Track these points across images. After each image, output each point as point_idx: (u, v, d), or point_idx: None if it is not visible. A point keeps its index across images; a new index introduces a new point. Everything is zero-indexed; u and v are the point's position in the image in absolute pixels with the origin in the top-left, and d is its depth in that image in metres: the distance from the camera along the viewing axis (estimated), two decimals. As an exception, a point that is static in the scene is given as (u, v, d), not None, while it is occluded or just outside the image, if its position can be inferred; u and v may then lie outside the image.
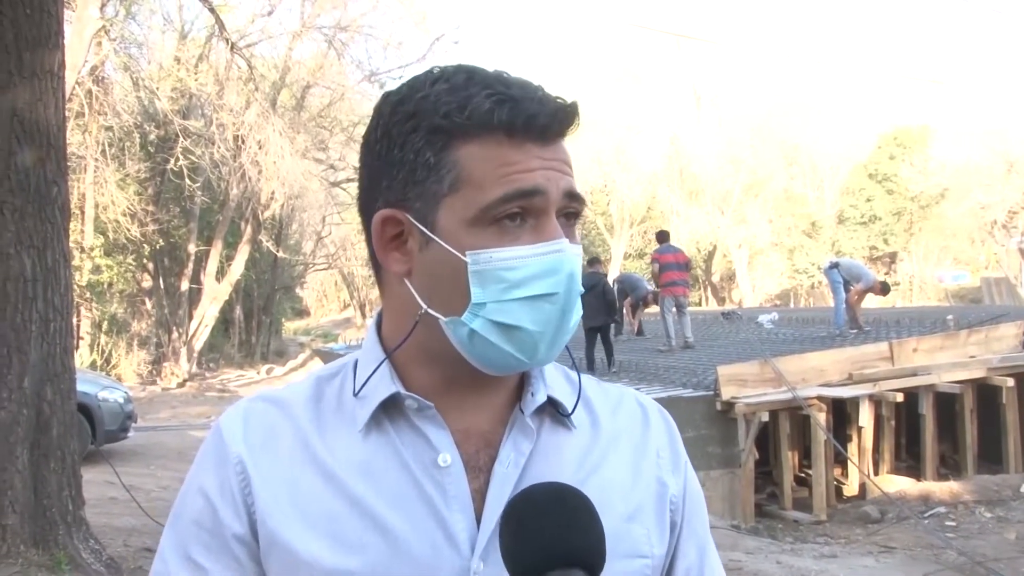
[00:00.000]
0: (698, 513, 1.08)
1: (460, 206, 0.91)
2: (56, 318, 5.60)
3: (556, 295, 0.90)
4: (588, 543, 0.81)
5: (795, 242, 41.89)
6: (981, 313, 15.69)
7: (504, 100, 0.90)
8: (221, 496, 0.95)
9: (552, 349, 0.93)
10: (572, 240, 0.93)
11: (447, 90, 0.92)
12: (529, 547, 0.80)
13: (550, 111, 0.92)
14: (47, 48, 5.61)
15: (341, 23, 23.83)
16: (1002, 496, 9.40)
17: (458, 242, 0.91)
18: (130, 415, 11.13)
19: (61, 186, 5.71)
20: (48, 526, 5.44)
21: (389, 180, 0.95)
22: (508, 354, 0.91)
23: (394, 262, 0.96)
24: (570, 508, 0.82)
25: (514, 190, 0.90)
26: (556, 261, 0.90)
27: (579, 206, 0.95)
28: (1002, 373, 11.08)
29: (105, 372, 18.52)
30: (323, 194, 26.57)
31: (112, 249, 22.20)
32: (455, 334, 0.92)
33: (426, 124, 0.92)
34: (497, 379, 0.97)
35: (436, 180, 0.92)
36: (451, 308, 0.92)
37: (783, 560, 7.47)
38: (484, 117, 0.90)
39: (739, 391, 10.14)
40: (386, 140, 0.95)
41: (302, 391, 1.02)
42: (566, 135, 0.96)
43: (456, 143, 0.91)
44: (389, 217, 0.95)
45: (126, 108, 20.32)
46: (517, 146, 0.91)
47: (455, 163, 0.91)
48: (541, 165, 0.91)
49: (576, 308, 0.93)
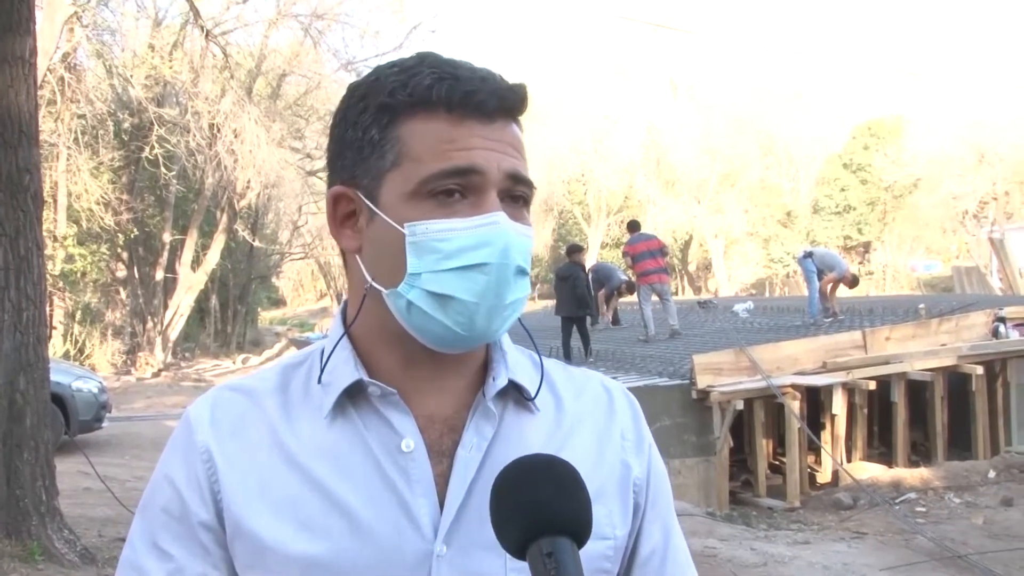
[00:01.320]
0: (662, 495, 1.09)
1: (401, 180, 0.93)
2: (29, 307, 5.56)
3: (488, 265, 0.91)
4: (577, 512, 0.81)
5: (770, 232, 42.11)
6: (952, 302, 15.83)
7: (444, 78, 0.92)
8: (188, 484, 0.97)
9: (491, 323, 0.93)
10: (519, 220, 0.94)
11: (397, 72, 0.95)
12: (521, 514, 0.80)
13: (490, 88, 0.93)
14: (18, 34, 5.55)
15: (317, 11, 23.65)
16: (971, 482, 9.53)
17: (398, 215, 0.93)
18: (104, 405, 11.06)
19: (34, 174, 5.66)
20: (21, 516, 5.41)
21: (343, 160, 0.98)
22: (445, 326, 0.92)
23: (346, 239, 0.99)
24: (560, 477, 0.83)
25: (451, 167, 0.91)
26: (490, 233, 0.91)
27: (526, 189, 0.96)
28: (972, 361, 11.23)
29: (79, 362, 18.35)
30: (299, 183, 26.44)
31: (85, 238, 21.94)
32: (395, 306, 0.94)
33: (374, 103, 0.95)
34: (455, 361, 0.98)
35: (379, 156, 0.94)
36: (392, 281, 0.94)
37: (757, 547, 7.54)
38: (424, 93, 0.92)
39: (715, 380, 10.21)
40: (343, 123, 0.98)
41: (269, 379, 1.03)
42: (514, 116, 0.96)
43: (399, 120, 0.94)
44: (340, 194, 0.98)
45: (99, 96, 20.08)
46: (457, 123, 0.92)
47: (397, 139, 0.94)
48: (482, 144, 0.92)
49: (515, 284, 0.94)
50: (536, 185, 0.99)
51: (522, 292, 0.95)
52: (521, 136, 0.97)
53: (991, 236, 28.44)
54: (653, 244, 14.02)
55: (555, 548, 0.78)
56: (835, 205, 40.30)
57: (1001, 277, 26.43)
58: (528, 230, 0.96)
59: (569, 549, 0.79)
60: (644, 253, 13.72)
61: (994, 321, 12.24)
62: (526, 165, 0.97)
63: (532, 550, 0.79)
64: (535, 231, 1.04)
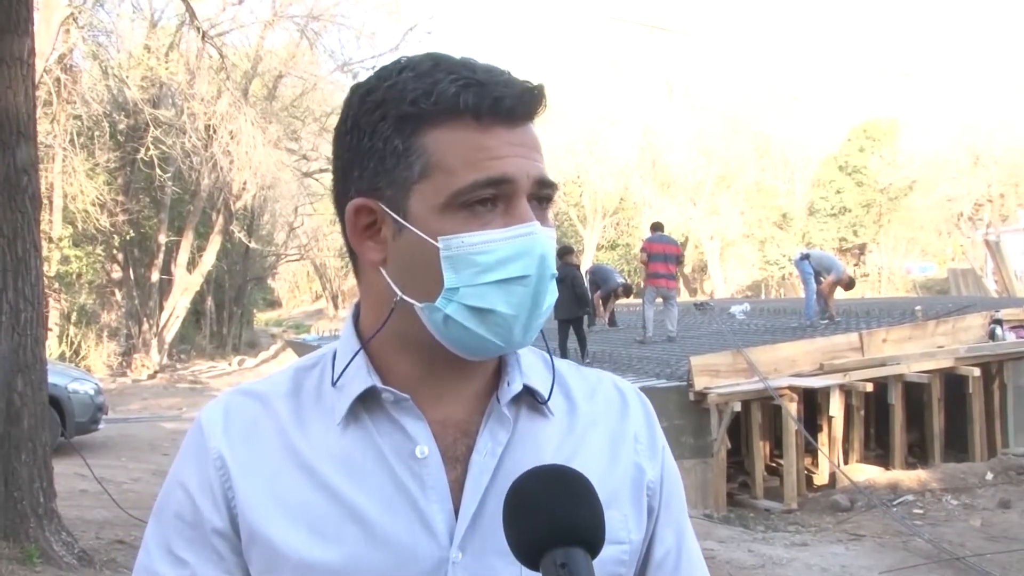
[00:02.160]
0: (676, 498, 1.09)
1: (431, 192, 0.91)
2: (27, 308, 5.55)
3: (528, 277, 0.91)
4: (590, 522, 0.82)
5: (766, 233, 42.11)
6: (948, 304, 15.88)
7: (470, 84, 0.91)
8: (201, 491, 0.96)
9: (527, 332, 0.94)
10: (545, 223, 0.94)
11: (413, 77, 0.93)
12: (535, 525, 0.80)
13: (516, 93, 0.92)
14: (16, 35, 5.55)
15: (313, 12, 23.63)
16: (968, 484, 9.55)
17: (429, 228, 0.91)
18: (101, 407, 11.04)
19: (31, 175, 5.65)
20: (19, 519, 5.40)
21: (360, 170, 0.95)
22: (483, 338, 0.92)
23: (368, 251, 0.97)
24: (574, 488, 0.84)
25: (484, 178, 0.90)
26: (527, 243, 0.91)
27: (551, 191, 0.96)
28: (969, 363, 11.25)
29: (74, 364, 18.30)
30: (295, 184, 26.38)
31: (81, 239, 21.91)
32: (430, 320, 0.93)
33: (394, 112, 0.92)
34: (474, 367, 0.98)
35: (406, 167, 0.92)
36: (425, 294, 0.92)
37: (755, 548, 7.55)
38: (450, 101, 0.91)
39: (712, 381, 10.21)
40: (356, 131, 0.95)
41: (281, 384, 1.02)
42: (534, 118, 0.96)
43: (424, 129, 0.92)
44: (362, 206, 0.96)
45: (95, 97, 20.06)
46: (485, 130, 0.91)
47: (424, 149, 0.92)
48: (511, 152, 0.92)
49: (549, 291, 0.93)
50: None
51: (554, 297, 0.95)
52: (537, 136, 0.97)
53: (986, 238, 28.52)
54: (670, 250, 13.80)
55: (569, 559, 0.79)
56: (831, 207, 40.33)
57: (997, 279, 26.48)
58: (553, 232, 0.95)
59: (583, 560, 0.79)
60: (659, 255, 13.53)
61: (990, 323, 12.27)
62: (545, 166, 0.97)
63: (546, 561, 0.79)
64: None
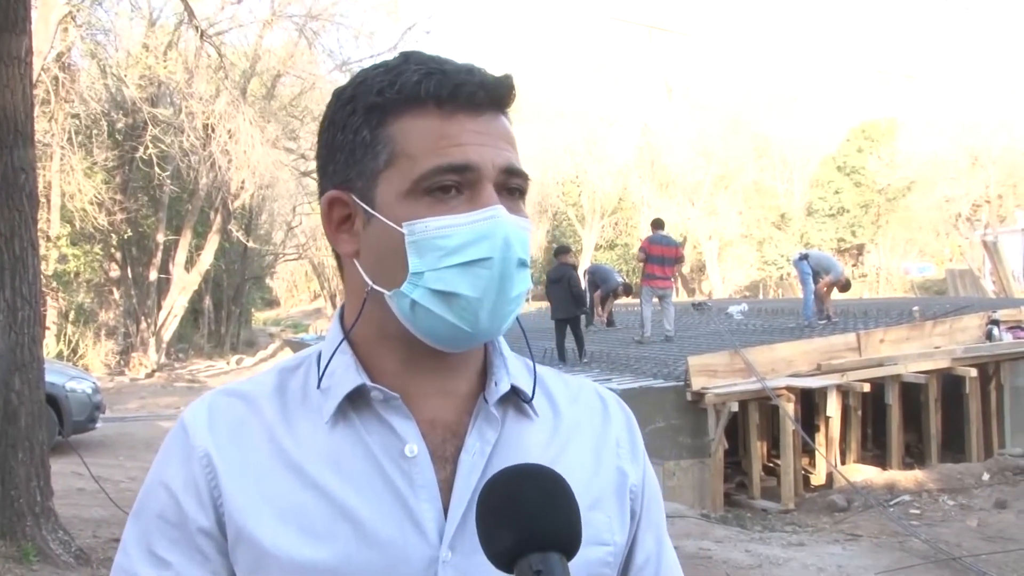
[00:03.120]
0: (656, 504, 1.10)
1: (396, 179, 0.93)
2: (24, 307, 5.55)
3: (491, 260, 0.91)
4: (567, 526, 0.80)
5: (764, 234, 42.15)
6: (946, 304, 15.89)
7: (432, 73, 0.92)
8: (185, 490, 0.95)
9: (494, 319, 0.93)
10: (515, 212, 0.94)
11: (383, 71, 0.95)
12: (507, 529, 0.79)
13: (478, 80, 0.93)
14: (14, 34, 5.55)
15: (312, 12, 23.63)
16: (965, 484, 9.55)
17: (395, 215, 0.92)
18: (98, 406, 11.04)
19: (29, 174, 5.65)
20: (16, 517, 5.40)
21: (335, 164, 0.97)
22: (450, 323, 0.92)
23: (343, 243, 0.99)
24: (548, 490, 0.82)
25: (446, 163, 0.91)
26: (490, 227, 0.91)
27: (521, 181, 0.96)
28: (966, 364, 11.25)
29: (72, 362, 18.30)
30: (294, 184, 26.41)
31: (79, 238, 21.91)
32: (399, 307, 0.94)
33: (362, 104, 0.94)
34: (457, 364, 0.98)
35: (372, 157, 0.94)
36: (394, 282, 0.93)
37: (752, 548, 7.55)
38: (412, 90, 0.92)
39: (709, 381, 10.21)
40: (332, 127, 0.98)
41: (266, 383, 1.02)
42: (502, 107, 0.96)
43: (389, 119, 0.93)
44: (335, 199, 0.98)
45: (93, 95, 20.06)
46: (448, 117, 0.92)
47: (389, 138, 0.93)
48: (475, 140, 0.92)
49: (518, 277, 0.93)
50: (531, 176, 0.99)
51: (524, 285, 0.95)
52: (511, 128, 0.97)
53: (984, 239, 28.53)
54: (669, 252, 13.68)
55: (544, 565, 0.77)
56: (829, 207, 40.38)
57: (994, 280, 26.48)
58: (526, 222, 0.95)
59: (558, 565, 0.78)
60: (656, 257, 13.45)
61: (988, 324, 12.27)
62: (518, 157, 0.97)
63: (521, 565, 0.78)
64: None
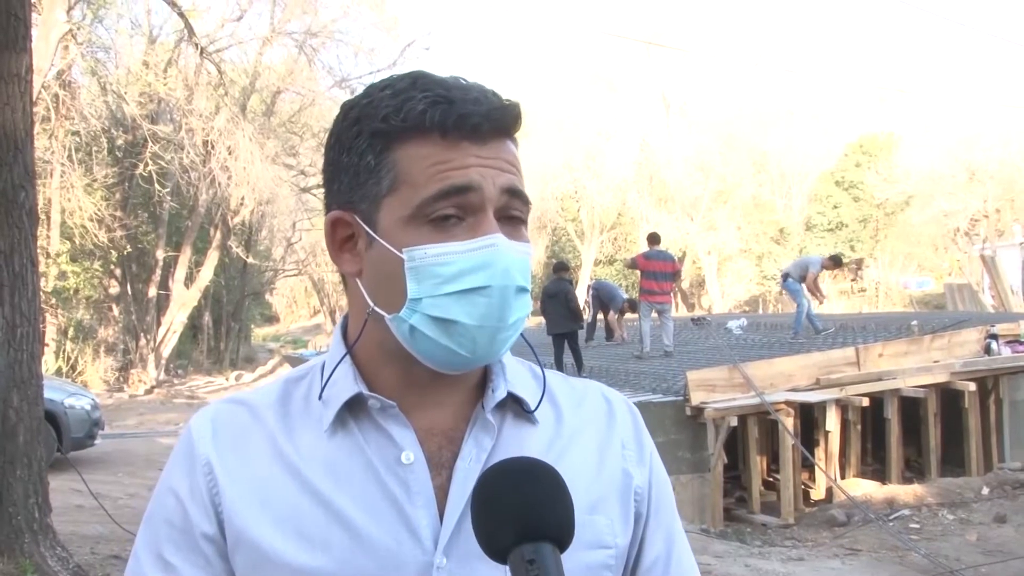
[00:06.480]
0: (665, 504, 1.10)
1: (398, 205, 0.94)
2: (23, 324, 5.55)
3: (489, 288, 0.92)
4: (559, 517, 0.81)
5: (763, 249, 42.15)
6: (944, 319, 15.87)
7: (438, 102, 0.93)
8: (191, 497, 0.98)
9: (493, 345, 0.95)
10: (516, 239, 0.95)
11: (390, 95, 0.95)
12: (501, 520, 0.80)
13: (483, 111, 0.94)
14: (14, 52, 5.57)
15: (311, 29, 23.77)
16: (964, 498, 9.54)
17: (396, 240, 0.94)
18: (97, 422, 11.01)
19: (28, 191, 5.67)
20: (14, 534, 5.39)
21: (339, 184, 0.99)
22: (448, 349, 0.93)
23: (345, 263, 1.00)
24: (542, 482, 0.83)
25: (448, 186, 0.92)
26: (489, 256, 0.92)
27: (522, 206, 0.97)
28: (964, 378, 11.25)
29: (71, 379, 18.28)
30: (293, 200, 26.44)
31: (79, 255, 21.93)
32: (398, 331, 0.95)
33: (368, 128, 0.96)
34: (456, 378, 0.99)
35: (376, 181, 0.95)
36: (394, 305, 0.95)
37: (751, 563, 7.54)
38: (417, 119, 0.93)
39: (708, 396, 10.21)
40: (337, 146, 0.99)
41: (270, 393, 1.04)
42: (508, 135, 0.97)
43: (394, 145, 0.94)
44: (338, 219, 0.99)
45: (93, 112, 20.16)
46: (452, 145, 0.93)
47: (393, 164, 0.94)
48: (477, 163, 0.93)
49: (518, 304, 0.94)
50: (531, 201, 1.00)
51: (523, 311, 0.96)
52: (516, 153, 0.98)
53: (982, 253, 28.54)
54: (667, 267, 13.69)
55: (537, 555, 0.78)
56: (827, 222, 40.40)
57: (993, 294, 26.48)
58: (527, 247, 0.96)
59: (551, 555, 0.79)
60: (652, 273, 13.45)
61: (986, 338, 12.28)
62: (522, 181, 0.98)
63: (514, 556, 0.79)
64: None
